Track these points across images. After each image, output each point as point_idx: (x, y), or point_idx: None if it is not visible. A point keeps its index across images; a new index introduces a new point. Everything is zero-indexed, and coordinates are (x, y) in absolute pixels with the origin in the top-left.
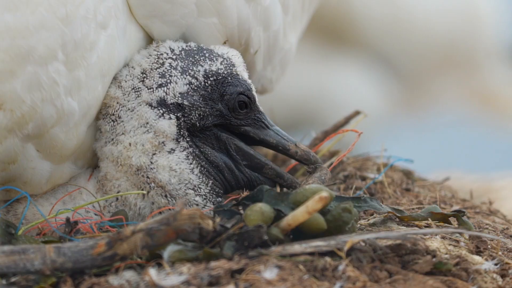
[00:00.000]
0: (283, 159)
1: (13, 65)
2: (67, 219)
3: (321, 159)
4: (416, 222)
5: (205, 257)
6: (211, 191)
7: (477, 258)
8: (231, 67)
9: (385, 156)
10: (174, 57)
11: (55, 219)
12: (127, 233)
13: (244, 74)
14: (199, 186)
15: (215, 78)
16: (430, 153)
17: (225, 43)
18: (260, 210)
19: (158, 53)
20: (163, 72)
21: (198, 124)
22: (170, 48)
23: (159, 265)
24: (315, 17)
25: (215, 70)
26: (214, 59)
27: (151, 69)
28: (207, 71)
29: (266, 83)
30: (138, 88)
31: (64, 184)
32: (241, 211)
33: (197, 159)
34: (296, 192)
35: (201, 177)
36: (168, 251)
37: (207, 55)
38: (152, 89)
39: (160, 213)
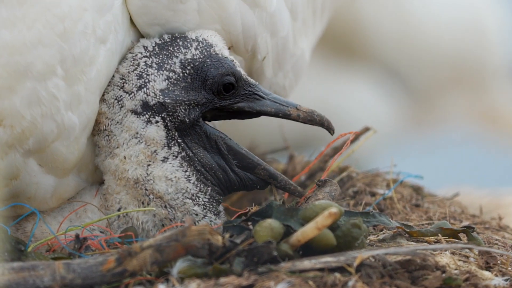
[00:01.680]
0: (293, 174)
1: (11, 82)
2: (77, 236)
3: (331, 175)
4: (426, 238)
5: (215, 273)
6: (211, 200)
7: (486, 273)
8: (208, 49)
9: (394, 172)
10: (148, 54)
11: (65, 236)
12: (137, 249)
13: (224, 52)
14: (197, 195)
15: (192, 65)
16: (439, 169)
17: (229, 49)
18: (269, 226)
19: (133, 54)
20: (140, 73)
21: (187, 120)
22: (144, 46)
23: (169, 281)
24: (326, 32)
25: (191, 57)
26: (189, 46)
27: (128, 72)
28: (182, 61)
29: (279, 90)
30: (120, 96)
31: (71, 201)
32: (251, 227)
33: (191, 164)
34: (306, 208)
35: (198, 185)
36: (178, 267)
37: (180, 43)
38: (133, 94)
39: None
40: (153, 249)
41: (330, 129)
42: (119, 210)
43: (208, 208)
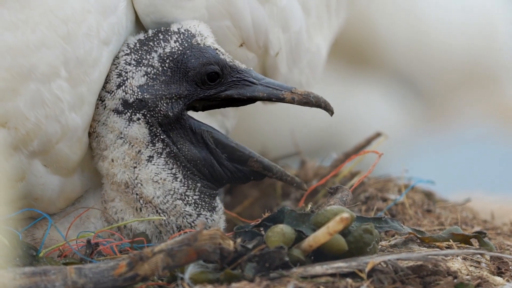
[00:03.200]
0: (304, 180)
1: (15, 84)
2: (88, 241)
3: (342, 181)
4: (437, 243)
5: (226, 279)
6: (202, 196)
7: (498, 279)
8: (189, 39)
9: (406, 177)
10: (128, 52)
11: (76, 242)
12: (148, 253)
13: (207, 41)
14: (186, 194)
15: (171, 58)
16: (451, 173)
17: (241, 45)
18: (281, 231)
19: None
20: (119, 72)
21: (171, 114)
22: (127, 44)
23: (180, 286)
24: (340, 41)
25: (169, 51)
26: (168, 39)
27: (110, 71)
28: (161, 55)
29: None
30: (103, 96)
31: (76, 207)
32: (262, 232)
33: (177, 160)
34: (318, 213)
35: (186, 182)
36: (189, 272)
37: (161, 37)
38: (113, 93)
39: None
40: (165, 254)
41: (328, 110)
42: (119, 220)
43: (200, 205)
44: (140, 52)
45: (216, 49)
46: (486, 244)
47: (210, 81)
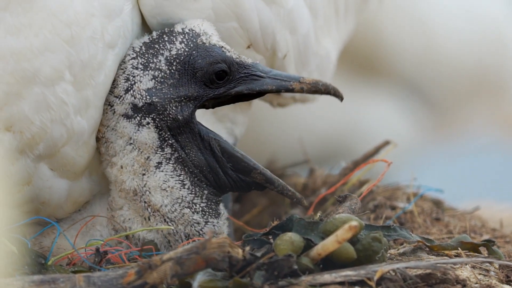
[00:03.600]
0: (313, 189)
1: (19, 88)
2: (97, 249)
3: (351, 189)
4: (446, 252)
5: (235, 287)
6: (209, 203)
7: (507, 287)
8: (194, 39)
9: (415, 186)
10: (134, 55)
11: (85, 250)
12: (157, 261)
13: (212, 39)
14: (194, 201)
15: (178, 61)
16: (460, 182)
17: (249, 47)
18: (290, 239)
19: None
20: (127, 76)
21: (180, 118)
22: (132, 48)
23: None
24: (349, 51)
25: (175, 53)
26: (174, 41)
27: (118, 76)
28: (168, 57)
29: None
30: (112, 101)
31: (82, 214)
32: (271, 240)
33: (184, 165)
34: (326, 221)
35: (193, 189)
36: (198, 280)
37: (166, 39)
38: (121, 98)
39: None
40: (173, 262)
41: (338, 96)
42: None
43: (207, 212)
44: (146, 55)
45: (222, 46)
46: (495, 253)
47: (219, 80)
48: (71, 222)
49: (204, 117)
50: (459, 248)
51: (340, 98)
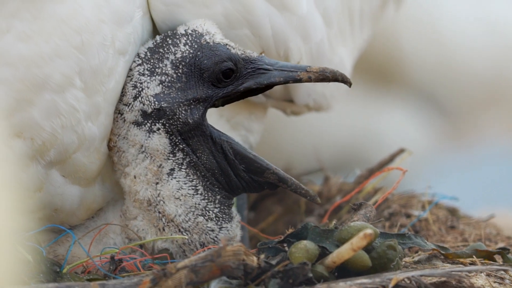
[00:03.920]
0: (328, 197)
1: (29, 94)
2: (112, 257)
3: (366, 197)
4: (461, 260)
5: None
6: (222, 207)
7: None
8: (198, 40)
9: (430, 194)
10: (140, 62)
11: (100, 258)
12: (172, 269)
13: (216, 38)
14: (207, 207)
15: (183, 63)
16: (475, 189)
17: (261, 54)
18: (305, 247)
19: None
20: (134, 83)
21: (190, 121)
22: (138, 54)
23: None
24: (364, 60)
25: (180, 55)
26: (177, 43)
27: (126, 84)
28: (173, 61)
29: (319, 98)
30: (122, 110)
31: (95, 222)
32: (286, 248)
33: (196, 169)
34: (341, 229)
35: (206, 194)
36: None
37: (170, 42)
38: (130, 105)
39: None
40: (188, 270)
41: (346, 81)
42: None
43: (221, 218)
44: (152, 61)
45: (226, 44)
46: (510, 260)
47: (226, 78)
48: (85, 229)
49: (218, 124)
50: (474, 256)
51: (349, 84)
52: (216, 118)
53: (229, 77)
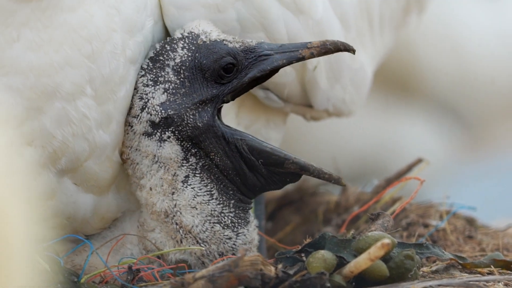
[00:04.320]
0: (345, 206)
1: (40, 102)
2: (129, 267)
3: (384, 207)
4: (479, 269)
5: None
6: (237, 212)
7: None
8: (195, 41)
9: (447, 203)
10: (143, 73)
11: (118, 268)
12: (190, 279)
13: (212, 35)
14: (222, 213)
15: (184, 68)
16: (493, 199)
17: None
18: (322, 257)
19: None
20: (140, 95)
21: (200, 124)
22: (142, 67)
23: None
24: (383, 72)
25: (179, 60)
26: (176, 48)
27: (133, 96)
28: (174, 67)
29: (339, 104)
30: (131, 122)
31: (112, 232)
32: (304, 258)
33: (211, 173)
34: (359, 239)
35: (221, 198)
36: None
37: (168, 48)
38: (138, 117)
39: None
40: (206, 280)
41: (349, 49)
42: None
43: (237, 223)
44: (154, 70)
45: (223, 40)
46: None
47: (228, 73)
48: (103, 240)
49: None
50: (491, 266)
51: (352, 51)
52: (234, 125)
53: (231, 72)
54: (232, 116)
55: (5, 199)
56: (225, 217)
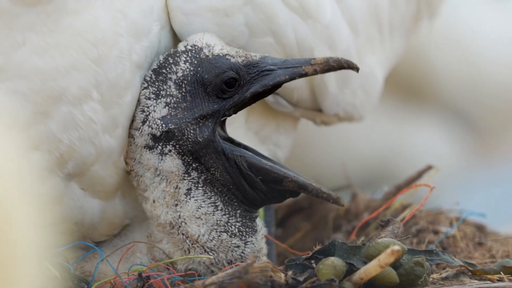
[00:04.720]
0: (355, 213)
1: (46, 107)
2: (139, 274)
3: (393, 213)
4: (489, 276)
5: None
6: (244, 221)
7: None
8: (198, 55)
9: (457, 210)
10: (146, 85)
11: (128, 275)
12: (199, 286)
13: (215, 49)
14: (229, 222)
15: (186, 82)
16: (503, 206)
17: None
18: (332, 264)
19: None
20: (142, 108)
21: (200, 140)
22: (144, 79)
23: None
24: (395, 78)
25: (181, 74)
26: (178, 61)
27: (135, 108)
28: (176, 81)
29: (349, 108)
30: (133, 135)
31: (122, 240)
32: (313, 265)
33: (214, 186)
34: (369, 246)
35: (226, 209)
36: None
37: (171, 61)
38: (140, 130)
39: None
40: (216, 286)
41: (353, 67)
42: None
43: (244, 232)
44: (156, 83)
45: (226, 54)
46: None
47: (230, 88)
48: (113, 248)
49: (246, 137)
50: (501, 273)
51: (356, 69)
52: (244, 131)
53: (232, 86)
54: (242, 121)
55: (13, 204)
56: (232, 226)
